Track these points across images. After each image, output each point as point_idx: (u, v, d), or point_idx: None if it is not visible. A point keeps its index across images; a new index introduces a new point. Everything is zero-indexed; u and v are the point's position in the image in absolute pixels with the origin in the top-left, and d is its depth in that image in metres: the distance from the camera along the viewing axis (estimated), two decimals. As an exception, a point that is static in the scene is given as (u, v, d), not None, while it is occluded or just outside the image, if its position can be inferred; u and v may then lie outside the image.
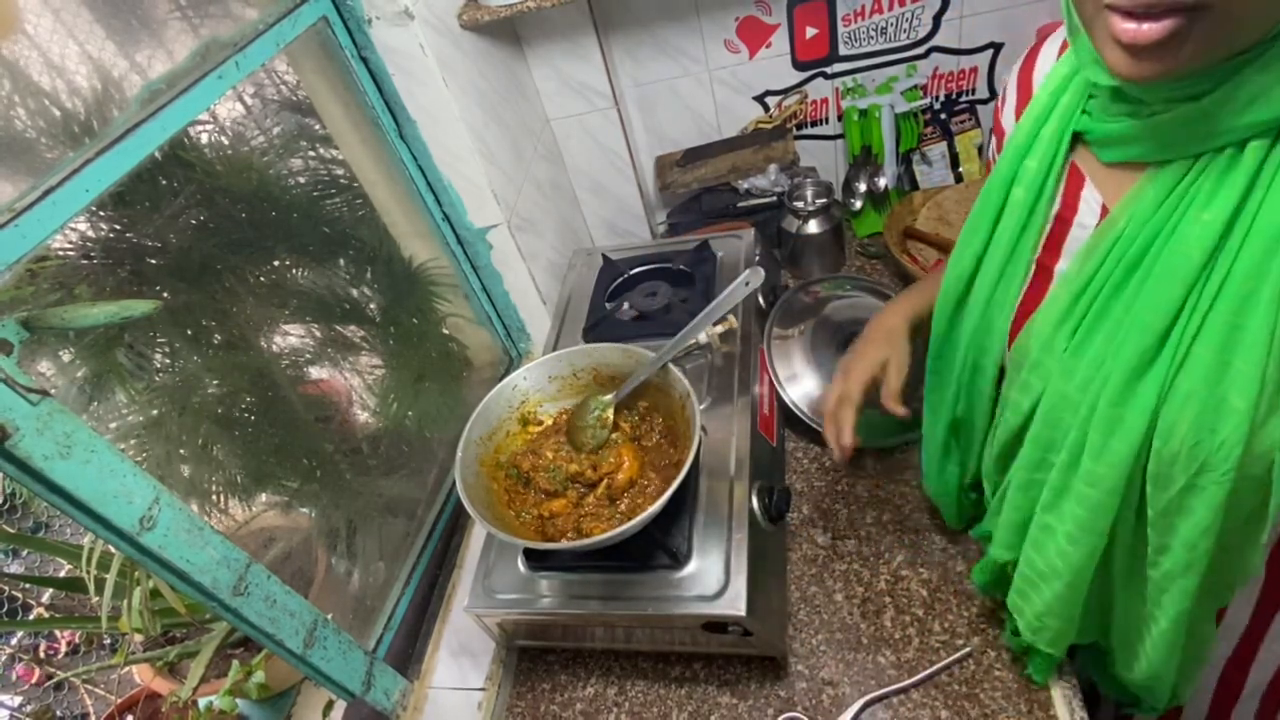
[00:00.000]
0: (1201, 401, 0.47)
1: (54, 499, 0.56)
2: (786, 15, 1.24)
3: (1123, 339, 0.50)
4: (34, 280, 0.72)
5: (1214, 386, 0.47)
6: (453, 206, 1.13)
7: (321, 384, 1.07)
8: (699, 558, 0.82)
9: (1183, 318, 0.47)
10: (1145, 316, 0.49)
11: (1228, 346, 0.46)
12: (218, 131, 0.93)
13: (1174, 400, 0.48)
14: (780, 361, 1.08)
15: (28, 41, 0.74)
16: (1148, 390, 0.49)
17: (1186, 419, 0.48)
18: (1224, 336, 0.46)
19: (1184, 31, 0.39)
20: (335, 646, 0.78)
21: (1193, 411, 0.48)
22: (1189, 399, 0.48)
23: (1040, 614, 0.66)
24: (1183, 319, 0.47)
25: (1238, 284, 0.45)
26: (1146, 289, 0.49)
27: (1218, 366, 0.46)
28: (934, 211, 1.31)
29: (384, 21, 0.95)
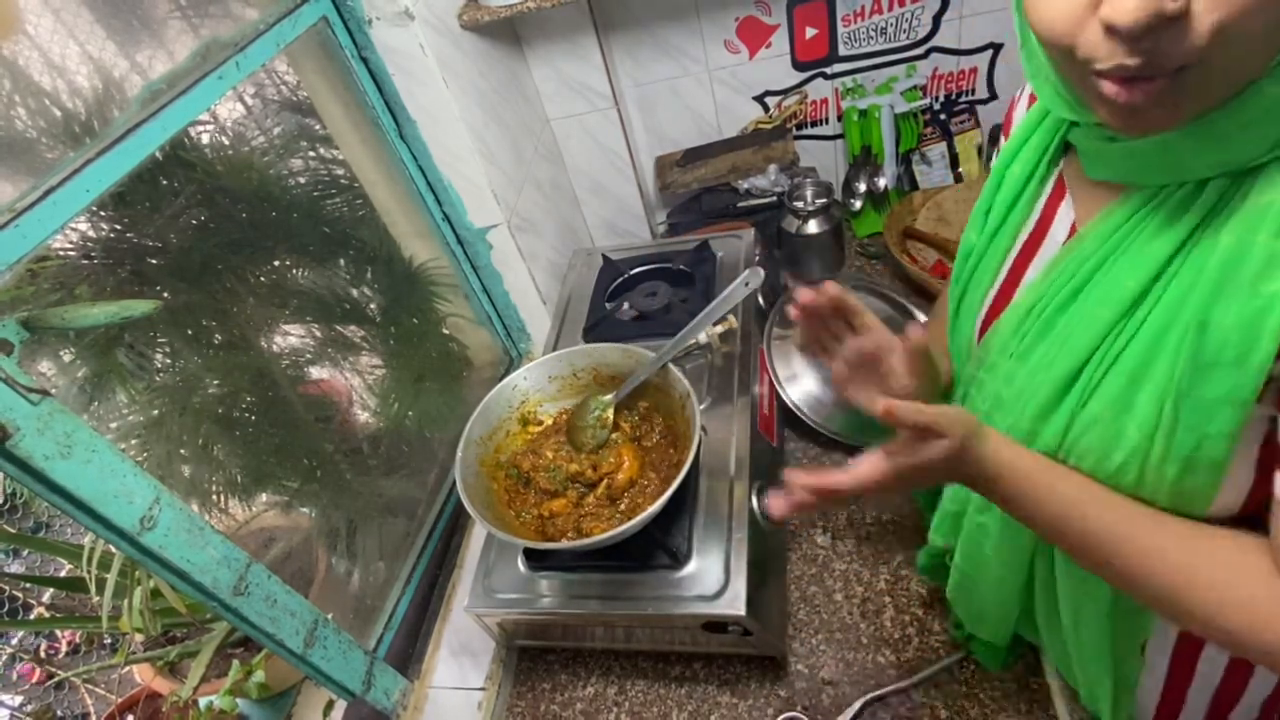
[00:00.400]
0: (1105, 427, 0.48)
1: (54, 499, 0.56)
2: (786, 15, 1.24)
3: (1054, 356, 0.51)
4: (34, 280, 0.72)
5: (1117, 416, 0.47)
6: (453, 206, 1.13)
7: (322, 384, 1.08)
8: (699, 558, 0.82)
9: (1105, 344, 0.48)
10: (1075, 337, 0.50)
11: (1134, 382, 0.46)
12: (218, 131, 0.93)
13: (1081, 421, 0.50)
14: (780, 362, 1.08)
15: (28, 42, 0.74)
16: (1064, 409, 0.51)
17: (1089, 442, 0.49)
18: (1133, 370, 0.46)
19: (1175, 90, 0.39)
20: (335, 646, 0.78)
21: (1095, 436, 0.49)
22: (1094, 423, 0.49)
23: (977, 608, 0.69)
24: (1105, 345, 0.48)
25: (1156, 321, 0.45)
26: (1083, 310, 0.50)
27: (1123, 399, 0.47)
28: (934, 211, 1.31)
29: (384, 22, 0.95)
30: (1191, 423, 0.43)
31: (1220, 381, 0.42)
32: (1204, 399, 0.42)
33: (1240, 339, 0.40)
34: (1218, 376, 0.42)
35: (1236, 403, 0.42)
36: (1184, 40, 0.36)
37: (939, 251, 1.25)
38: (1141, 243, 0.47)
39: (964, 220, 1.26)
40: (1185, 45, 0.36)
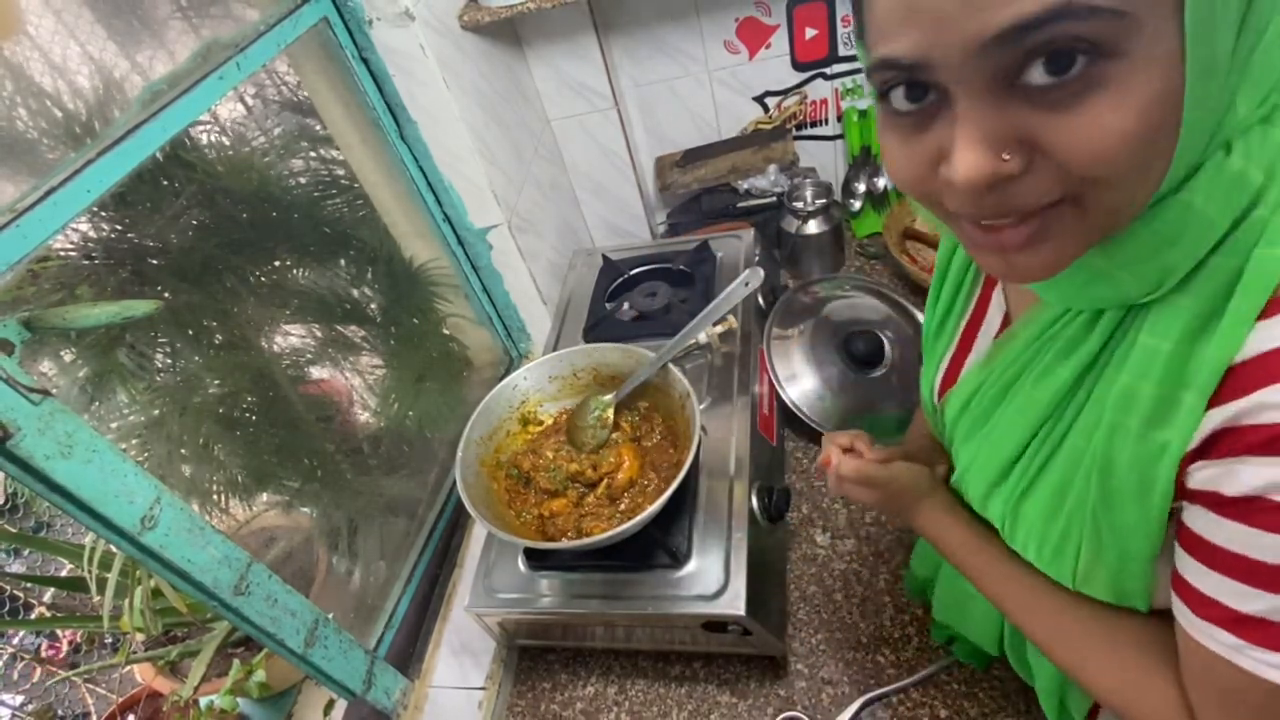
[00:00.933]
0: (1036, 528, 0.49)
1: (55, 499, 0.56)
2: (786, 16, 1.25)
3: (988, 452, 0.53)
4: (35, 280, 0.73)
5: (1046, 521, 0.49)
6: (453, 207, 1.14)
7: (322, 384, 1.08)
8: (699, 557, 0.83)
9: (1029, 453, 0.49)
10: (1004, 439, 0.51)
11: (1058, 495, 0.47)
12: (219, 132, 0.93)
13: (1017, 515, 0.51)
14: (780, 361, 1.09)
15: (29, 42, 0.74)
16: (998, 499, 0.52)
17: (1025, 535, 0.51)
18: (1056, 485, 0.47)
19: (1047, 231, 0.36)
20: (336, 646, 0.78)
21: (1027, 531, 0.50)
22: (1024, 520, 0.50)
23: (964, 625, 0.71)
24: (1028, 454, 0.49)
25: (1071, 444, 0.46)
26: (1008, 414, 0.51)
27: (1050, 508, 0.48)
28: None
29: (385, 22, 0.95)
30: (1111, 542, 0.45)
31: (1127, 512, 0.42)
32: (1117, 525, 0.43)
33: (1138, 479, 0.41)
34: (1125, 507, 0.42)
35: (1145, 533, 0.42)
36: (1033, 190, 0.34)
37: (939, 252, 1.25)
38: (1053, 360, 0.46)
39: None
40: (1036, 194, 0.34)
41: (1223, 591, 0.39)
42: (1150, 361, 0.39)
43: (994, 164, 0.33)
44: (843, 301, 1.16)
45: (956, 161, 0.34)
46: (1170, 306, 0.39)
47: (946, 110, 0.35)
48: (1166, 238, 0.37)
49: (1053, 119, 0.32)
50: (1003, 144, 0.33)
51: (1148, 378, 0.40)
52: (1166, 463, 0.39)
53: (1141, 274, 0.38)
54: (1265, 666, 0.38)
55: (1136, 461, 0.41)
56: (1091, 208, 0.35)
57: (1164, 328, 0.39)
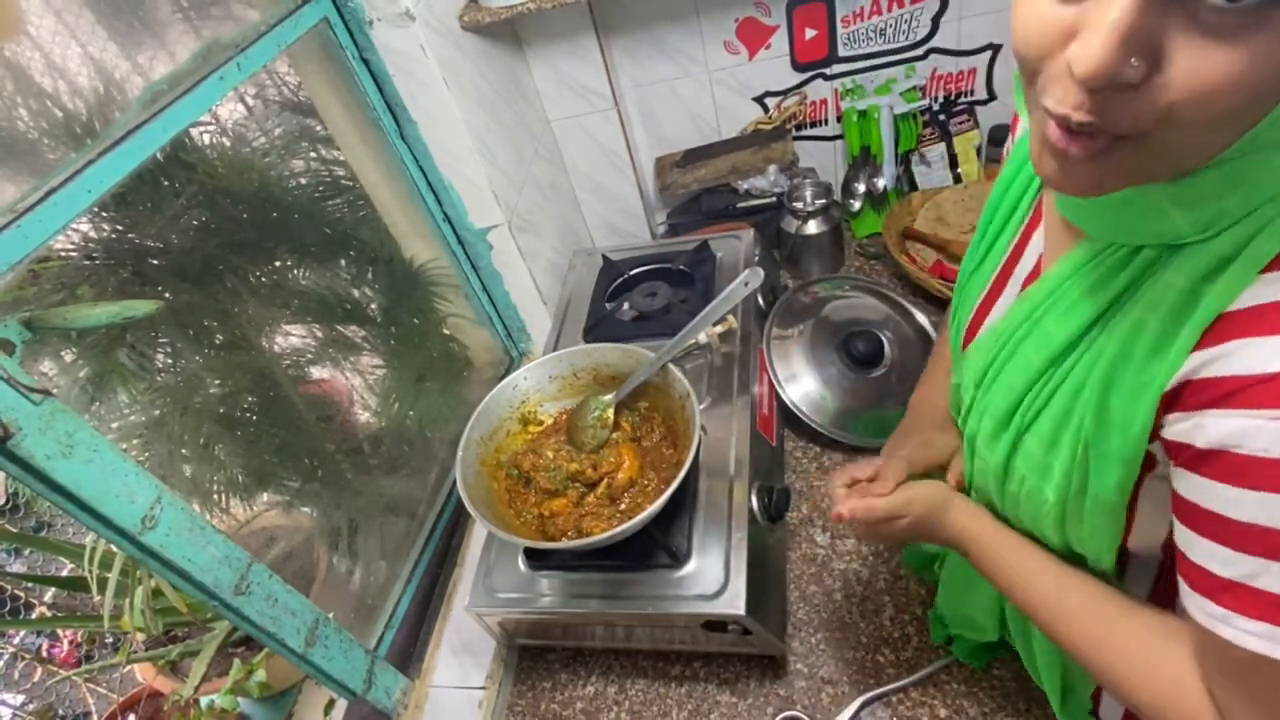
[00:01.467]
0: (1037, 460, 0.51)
1: (56, 498, 0.56)
2: (786, 16, 1.25)
3: (1003, 390, 0.54)
4: (36, 281, 0.73)
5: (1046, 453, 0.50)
6: (453, 207, 1.14)
7: (323, 384, 1.08)
8: (699, 557, 0.83)
9: (1036, 388, 0.50)
10: (1016, 376, 0.52)
11: (1059, 426, 0.49)
12: (219, 132, 0.93)
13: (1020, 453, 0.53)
14: (780, 361, 1.09)
15: (30, 43, 0.74)
16: (1005, 439, 0.54)
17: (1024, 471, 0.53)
18: (1058, 416, 0.49)
19: (1109, 156, 0.37)
20: (336, 645, 0.78)
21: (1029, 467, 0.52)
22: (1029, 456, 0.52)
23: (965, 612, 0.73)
24: (1035, 389, 0.50)
25: (1077, 375, 0.47)
26: (1024, 352, 0.52)
27: (1051, 439, 0.50)
28: (933, 212, 1.31)
29: (385, 23, 0.95)
30: (1095, 470, 0.47)
31: (1113, 440, 0.45)
32: (1103, 452, 0.46)
33: (1126, 406, 0.43)
34: (1112, 436, 0.45)
35: (1122, 460, 0.45)
36: (1133, 111, 0.35)
37: (938, 252, 1.25)
38: (1078, 298, 0.48)
39: (963, 221, 1.27)
40: (1133, 117, 0.35)
41: (1207, 557, 0.40)
42: (1164, 295, 0.41)
43: (1119, 65, 0.33)
44: (842, 301, 1.16)
45: (1088, 47, 0.34)
46: (1202, 248, 0.40)
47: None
48: (1233, 184, 0.38)
49: (1198, 40, 0.32)
50: (1138, 48, 0.33)
51: (1157, 310, 0.42)
52: (1148, 398, 0.41)
53: (1196, 215, 0.40)
54: (1245, 635, 0.38)
55: (1130, 390, 0.43)
56: (1153, 147, 0.36)
57: (1189, 267, 0.41)
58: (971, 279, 0.64)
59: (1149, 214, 0.42)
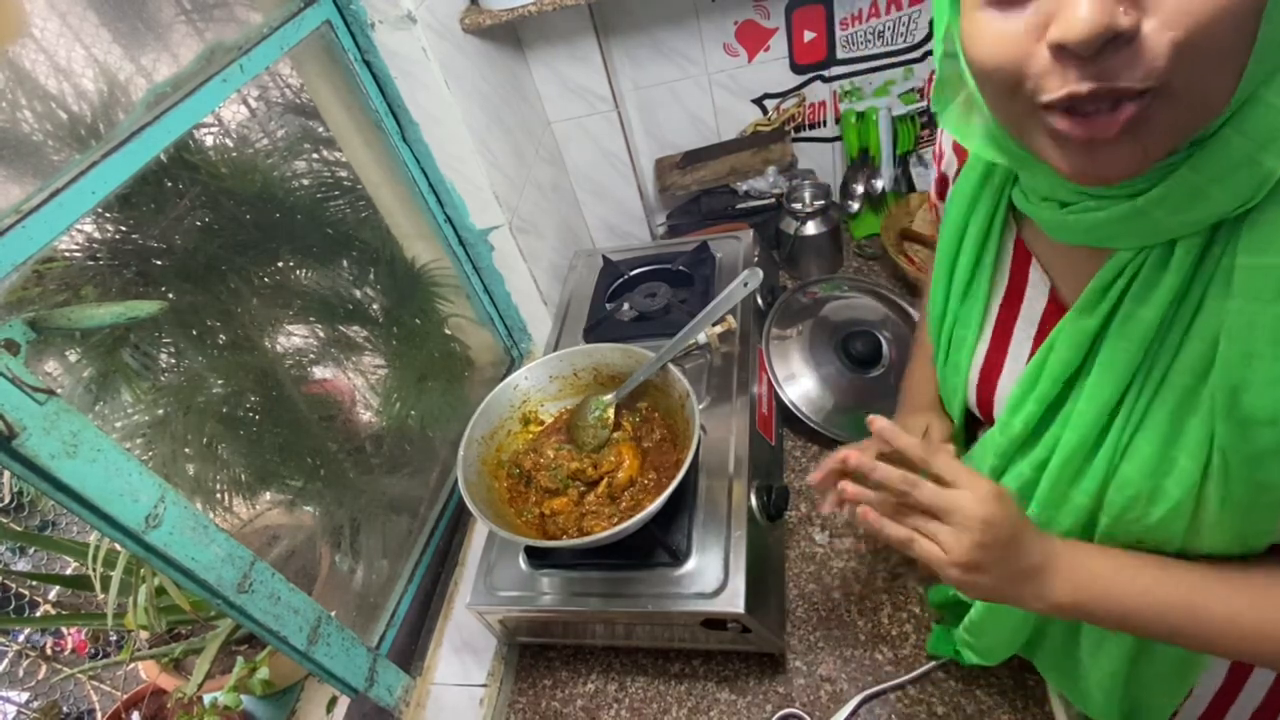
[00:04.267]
0: (1139, 487, 0.47)
1: (60, 497, 0.56)
2: (785, 19, 1.25)
3: (1066, 428, 0.50)
4: (41, 281, 0.73)
5: (1152, 475, 0.47)
6: (455, 208, 1.14)
7: (325, 384, 1.08)
8: (698, 555, 0.83)
9: (1124, 409, 0.47)
10: (1086, 408, 0.49)
11: (1169, 443, 0.46)
12: (222, 134, 0.94)
13: (1115, 485, 0.49)
14: (779, 361, 1.09)
15: (35, 45, 0.75)
16: (1092, 473, 0.49)
17: (1123, 502, 0.49)
18: (1166, 433, 0.46)
19: (1143, 120, 0.35)
20: (339, 643, 0.79)
21: (1129, 495, 0.48)
22: (1127, 485, 0.48)
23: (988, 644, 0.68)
24: (1124, 410, 0.47)
25: (1179, 383, 0.44)
26: (1090, 381, 0.49)
27: (1160, 459, 0.46)
28: (931, 213, 1.31)
29: (387, 25, 0.96)
30: (1244, 475, 0.43)
31: (1264, 437, 0.41)
32: (1251, 453, 0.42)
33: (1273, 399, 0.40)
34: (1262, 434, 0.41)
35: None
36: (1140, 61, 0.34)
37: (937, 252, 1.26)
38: (1131, 306, 0.45)
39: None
40: (1142, 67, 0.34)
41: None
42: (1263, 281, 0.39)
43: (1112, 14, 0.33)
44: (841, 302, 1.17)
45: (1073, 13, 0.33)
46: (1263, 222, 0.39)
47: None
48: (1260, 140, 0.37)
49: None
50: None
51: (1263, 297, 0.39)
52: None
53: (1236, 184, 0.38)
54: None
55: (1271, 380, 0.40)
56: (1181, 94, 0.35)
57: (1264, 243, 0.39)
58: (956, 328, 0.60)
59: (1189, 201, 0.39)
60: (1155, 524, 0.48)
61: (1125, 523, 0.49)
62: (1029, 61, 0.37)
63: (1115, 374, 0.47)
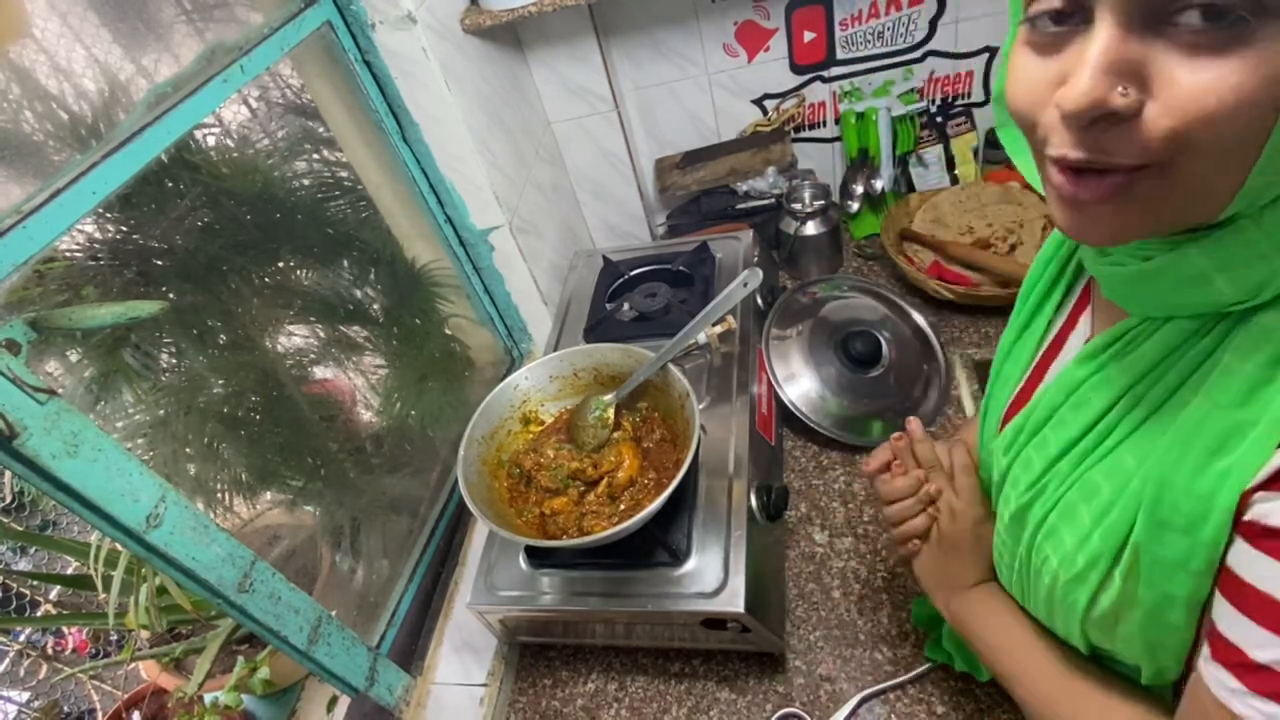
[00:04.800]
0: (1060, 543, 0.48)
1: (61, 497, 0.56)
2: (784, 19, 1.25)
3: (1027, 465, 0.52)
4: (41, 281, 0.73)
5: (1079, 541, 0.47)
6: (455, 208, 1.14)
7: (326, 384, 1.09)
8: (698, 555, 0.83)
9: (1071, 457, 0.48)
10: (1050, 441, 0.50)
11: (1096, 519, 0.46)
12: (223, 134, 0.94)
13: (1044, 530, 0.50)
14: (778, 361, 1.09)
15: (36, 45, 0.75)
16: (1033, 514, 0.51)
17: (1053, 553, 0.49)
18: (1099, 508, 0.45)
19: (1128, 193, 0.35)
20: (339, 643, 0.79)
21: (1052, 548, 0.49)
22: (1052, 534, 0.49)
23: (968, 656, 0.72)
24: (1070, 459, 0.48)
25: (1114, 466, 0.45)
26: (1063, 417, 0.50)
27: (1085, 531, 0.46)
28: (930, 213, 1.32)
29: (387, 26, 0.96)
30: (1151, 579, 0.42)
31: (1173, 545, 0.40)
32: (1161, 558, 0.41)
33: (1190, 509, 0.39)
34: (1171, 539, 0.40)
35: (1189, 571, 0.40)
36: (1133, 141, 0.33)
37: (935, 253, 1.26)
38: (1113, 369, 0.46)
39: (960, 222, 1.27)
40: (1135, 146, 0.34)
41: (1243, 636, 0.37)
42: (1233, 386, 0.38)
43: (1107, 92, 0.33)
44: (840, 302, 1.17)
45: (1073, 82, 0.34)
46: (1259, 326, 0.38)
47: (1083, 35, 0.35)
48: (1277, 240, 0.36)
49: (1184, 61, 0.32)
50: (1124, 76, 0.33)
51: (1220, 402, 0.38)
52: (1225, 494, 0.37)
53: (1242, 279, 0.37)
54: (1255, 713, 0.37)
55: (1192, 490, 0.39)
56: (1175, 179, 0.34)
57: (1250, 348, 0.38)
58: (1006, 364, 0.62)
59: (1190, 283, 0.39)
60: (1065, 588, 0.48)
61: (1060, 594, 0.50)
62: (1043, 111, 0.37)
63: (1077, 420, 0.48)
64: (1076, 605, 0.48)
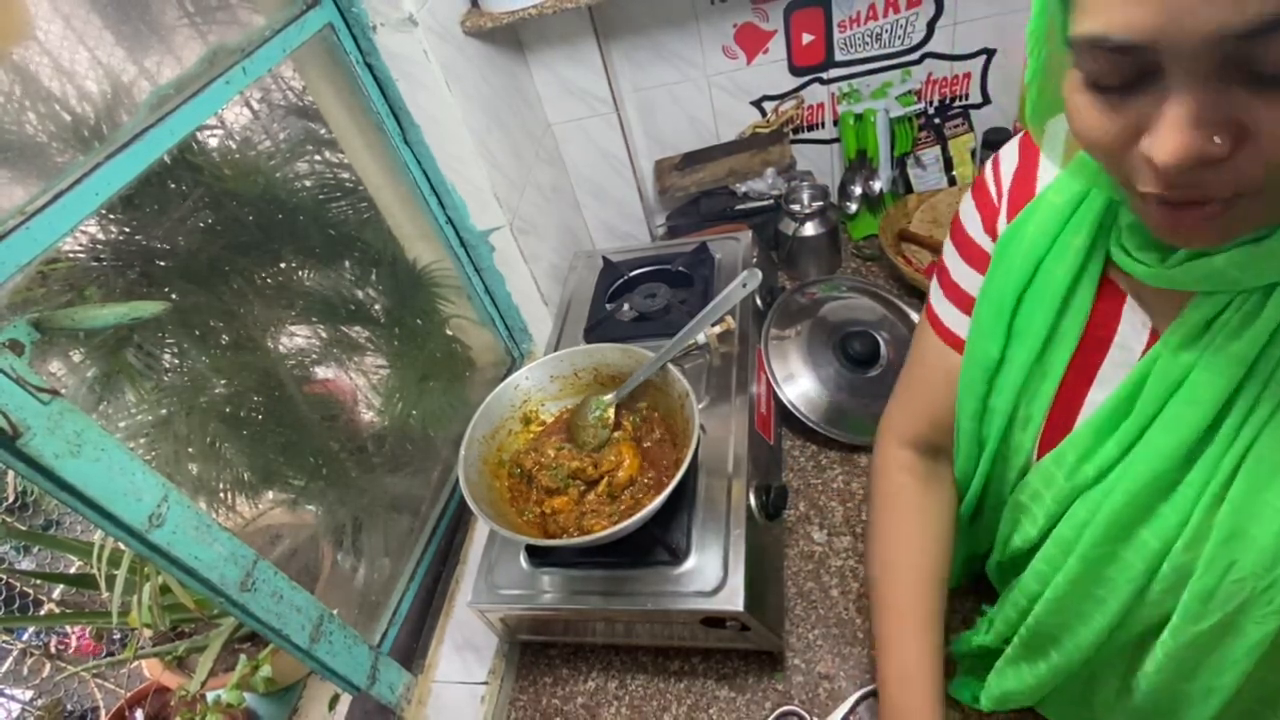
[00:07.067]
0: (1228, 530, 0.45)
1: (64, 497, 0.57)
2: (783, 22, 1.26)
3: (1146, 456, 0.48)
4: (45, 282, 0.74)
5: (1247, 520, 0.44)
6: (456, 209, 1.15)
7: (327, 384, 1.09)
8: (698, 554, 0.84)
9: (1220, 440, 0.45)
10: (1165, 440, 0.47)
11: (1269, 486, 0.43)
12: (225, 136, 0.95)
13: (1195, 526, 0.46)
14: (777, 361, 1.10)
15: (39, 47, 0.75)
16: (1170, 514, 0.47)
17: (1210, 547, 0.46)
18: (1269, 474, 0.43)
19: (1229, 213, 0.36)
20: (341, 641, 0.79)
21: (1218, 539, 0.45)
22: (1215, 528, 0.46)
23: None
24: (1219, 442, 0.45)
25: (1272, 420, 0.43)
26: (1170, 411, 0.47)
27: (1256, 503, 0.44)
28: (928, 214, 1.32)
29: (388, 28, 0.97)
30: None
31: None
32: None
33: None
34: None
35: None
36: (1231, 178, 0.33)
37: (934, 253, 1.27)
38: (1223, 339, 0.44)
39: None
40: (1233, 183, 0.34)
41: None
42: None
43: (1202, 146, 0.32)
44: (839, 302, 1.18)
45: (1163, 141, 0.33)
46: None
47: (1153, 85, 0.33)
48: None
49: (1273, 106, 0.32)
50: (1214, 127, 0.32)
51: None
52: None
53: None
54: None
55: None
56: (1269, 198, 0.35)
57: None
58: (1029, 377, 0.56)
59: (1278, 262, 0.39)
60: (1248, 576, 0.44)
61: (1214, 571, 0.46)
62: (1124, 154, 0.37)
63: (1199, 408, 0.44)
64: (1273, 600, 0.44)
